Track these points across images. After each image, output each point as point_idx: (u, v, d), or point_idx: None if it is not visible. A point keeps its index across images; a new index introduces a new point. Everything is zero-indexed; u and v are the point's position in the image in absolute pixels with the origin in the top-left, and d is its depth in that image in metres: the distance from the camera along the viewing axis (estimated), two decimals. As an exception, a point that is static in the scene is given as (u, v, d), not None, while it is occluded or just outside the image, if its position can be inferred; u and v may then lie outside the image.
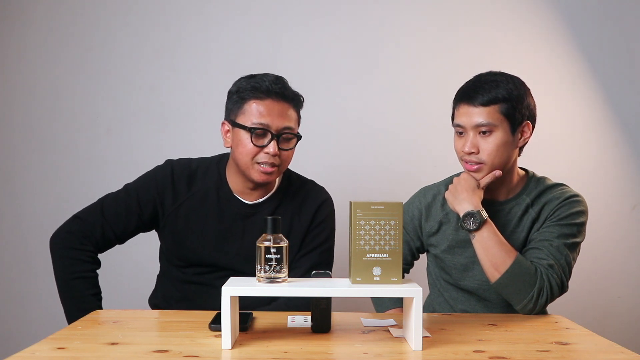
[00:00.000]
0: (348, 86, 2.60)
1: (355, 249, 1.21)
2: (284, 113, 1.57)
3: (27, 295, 2.57)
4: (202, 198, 1.65)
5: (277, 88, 1.56)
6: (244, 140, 1.56)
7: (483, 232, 1.54)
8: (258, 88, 1.56)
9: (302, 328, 1.33)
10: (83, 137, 2.58)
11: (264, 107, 1.55)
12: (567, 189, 1.67)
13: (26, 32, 2.57)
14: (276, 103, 1.56)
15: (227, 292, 1.16)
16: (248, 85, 1.57)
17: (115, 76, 2.57)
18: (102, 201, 1.66)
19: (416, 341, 1.18)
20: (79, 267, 1.60)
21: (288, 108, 1.58)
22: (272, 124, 1.55)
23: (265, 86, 1.56)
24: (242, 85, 1.59)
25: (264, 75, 1.59)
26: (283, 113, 1.57)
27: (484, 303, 1.70)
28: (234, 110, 1.59)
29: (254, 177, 1.58)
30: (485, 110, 1.56)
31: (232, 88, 1.63)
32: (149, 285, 1.80)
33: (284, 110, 1.57)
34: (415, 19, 2.60)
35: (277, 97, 1.56)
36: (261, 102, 1.56)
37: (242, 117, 1.57)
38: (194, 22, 2.58)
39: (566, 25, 2.60)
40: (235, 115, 1.59)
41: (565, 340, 1.30)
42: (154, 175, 1.68)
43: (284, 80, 1.61)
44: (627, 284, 2.66)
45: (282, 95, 1.57)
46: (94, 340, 1.23)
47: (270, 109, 1.55)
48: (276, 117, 1.55)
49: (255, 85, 1.56)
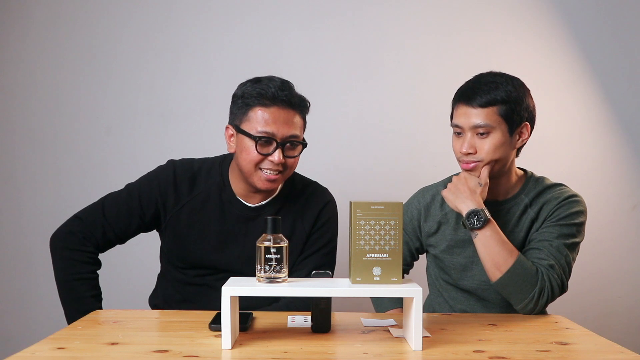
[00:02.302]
0: (349, 87, 2.60)
1: (355, 249, 1.21)
2: (290, 120, 1.53)
3: (27, 295, 2.57)
4: (205, 200, 1.63)
5: (284, 95, 1.52)
6: (248, 147, 1.53)
7: (486, 231, 1.53)
8: (264, 94, 1.51)
9: (302, 328, 1.33)
10: (83, 137, 2.58)
11: (270, 115, 1.51)
12: (566, 189, 1.67)
13: (27, 32, 2.57)
14: (282, 110, 1.52)
15: (227, 292, 1.16)
16: (253, 91, 1.53)
17: (115, 76, 2.58)
18: (103, 201, 1.64)
19: (416, 341, 1.18)
20: (79, 269, 1.58)
21: (294, 115, 1.54)
22: (277, 133, 1.51)
23: (271, 92, 1.51)
24: (248, 90, 1.54)
25: (270, 81, 1.54)
26: (289, 121, 1.53)
27: (483, 303, 1.70)
28: (239, 115, 1.55)
29: (257, 185, 1.56)
30: (484, 112, 1.55)
31: (237, 92, 1.58)
32: (149, 285, 1.79)
33: (289, 118, 1.53)
34: (416, 20, 2.60)
35: (283, 105, 1.52)
36: (267, 110, 1.52)
37: (247, 124, 1.53)
38: (194, 22, 2.58)
39: (566, 26, 2.60)
40: (240, 121, 1.55)
41: (565, 340, 1.30)
42: (156, 176, 1.65)
43: (290, 85, 1.56)
44: (627, 284, 2.66)
45: (288, 103, 1.52)
46: (94, 340, 1.23)
47: (275, 117, 1.51)
48: (282, 125, 1.51)
49: (261, 91, 1.52)
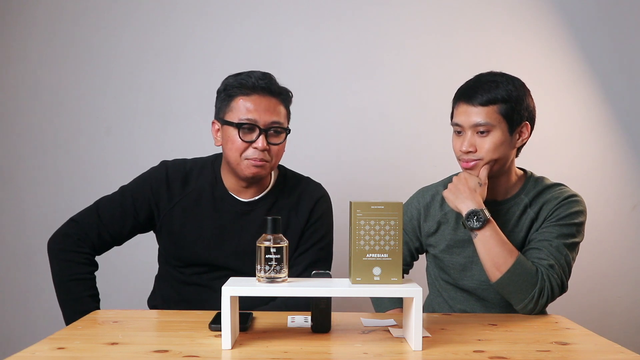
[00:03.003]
0: (349, 87, 2.60)
1: (355, 249, 1.21)
2: (272, 108, 1.57)
3: (27, 295, 2.57)
4: (197, 197, 1.66)
5: (264, 83, 1.57)
6: (232, 136, 1.57)
7: (486, 231, 1.53)
8: (244, 84, 1.57)
9: (302, 328, 1.33)
10: (83, 137, 2.58)
11: (251, 103, 1.56)
12: (565, 188, 1.67)
13: (27, 32, 2.57)
14: (263, 98, 1.57)
15: (227, 292, 1.16)
16: (235, 82, 1.58)
17: (115, 76, 2.57)
18: (98, 204, 1.67)
19: (416, 341, 1.18)
20: (75, 270, 1.60)
21: (276, 103, 1.59)
22: (259, 119, 1.55)
23: (251, 82, 1.57)
24: (230, 82, 1.60)
25: (251, 72, 1.59)
26: (270, 108, 1.57)
27: (483, 303, 1.70)
28: (222, 108, 1.60)
29: (244, 172, 1.58)
30: (484, 110, 1.56)
31: (220, 87, 1.63)
32: (147, 286, 1.79)
33: (271, 105, 1.57)
34: (416, 19, 2.59)
35: (263, 92, 1.57)
36: (248, 98, 1.57)
37: (230, 114, 1.58)
38: (195, 22, 2.58)
39: (566, 26, 2.60)
40: (223, 113, 1.60)
41: (565, 340, 1.30)
42: (148, 177, 1.68)
43: (271, 76, 1.61)
44: (627, 284, 2.66)
45: (268, 90, 1.57)
46: (94, 340, 1.23)
47: (257, 104, 1.56)
48: (263, 112, 1.56)
49: (242, 81, 1.57)
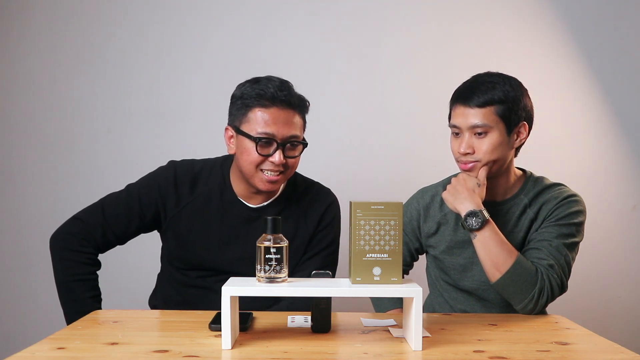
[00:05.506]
0: (348, 87, 2.60)
1: (355, 249, 1.21)
2: (290, 121, 1.52)
3: (27, 295, 2.57)
4: (206, 201, 1.63)
5: (283, 95, 1.51)
6: (248, 148, 1.52)
7: (485, 231, 1.53)
8: (263, 95, 1.51)
9: (302, 328, 1.33)
10: (83, 137, 2.58)
11: (269, 116, 1.51)
12: (565, 188, 1.67)
13: (26, 31, 2.57)
14: (282, 111, 1.51)
15: (227, 292, 1.16)
16: (252, 92, 1.52)
17: (115, 76, 2.58)
18: (103, 202, 1.63)
19: (416, 341, 1.18)
20: (78, 270, 1.58)
21: (294, 115, 1.54)
22: (277, 133, 1.51)
23: (270, 93, 1.50)
24: (246, 91, 1.53)
25: (269, 81, 1.53)
26: (289, 121, 1.52)
27: (483, 303, 1.70)
28: (238, 116, 1.55)
29: (258, 186, 1.56)
30: (481, 112, 1.56)
31: (235, 92, 1.57)
32: (149, 285, 1.79)
33: (289, 118, 1.52)
34: (415, 21, 2.60)
35: (282, 105, 1.51)
36: (266, 110, 1.51)
37: (247, 125, 1.53)
38: (194, 21, 2.58)
39: (566, 26, 2.60)
40: (239, 122, 1.55)
41: (565, 340, 1.30)
42: (156, 177, 1.65)
43: (289, 85, 1.55)
44: (627, 284, 2.66)
45: (287, 103, 1.52)
46: (94, 340, 1.23)
47: (275, 118, 1.51)
48: (282, 126, 1.51)
49: (260, 92, 1.51)
